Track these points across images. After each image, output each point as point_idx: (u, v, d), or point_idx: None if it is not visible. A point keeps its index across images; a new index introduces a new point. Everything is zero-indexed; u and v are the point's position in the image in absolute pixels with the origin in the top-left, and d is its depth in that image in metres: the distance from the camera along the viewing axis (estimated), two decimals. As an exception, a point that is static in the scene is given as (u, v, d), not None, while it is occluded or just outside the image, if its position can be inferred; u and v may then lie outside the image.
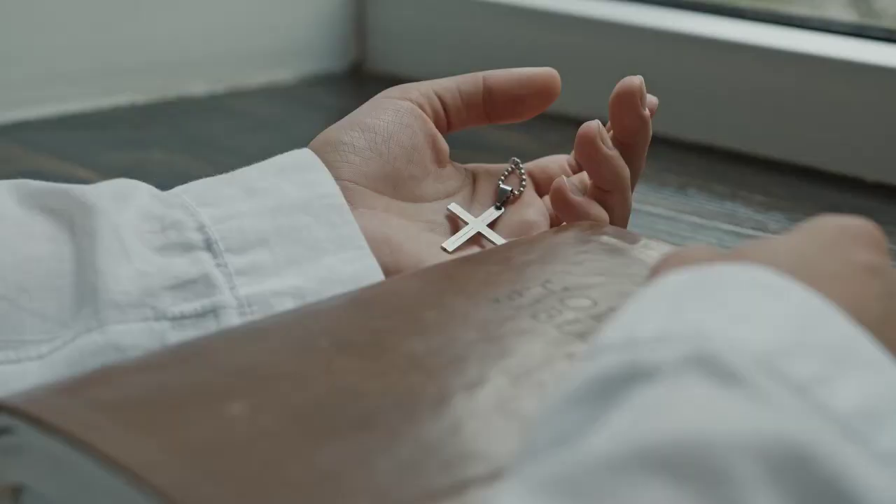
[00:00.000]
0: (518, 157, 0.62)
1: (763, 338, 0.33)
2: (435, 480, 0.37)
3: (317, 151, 0.58)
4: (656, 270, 0.40)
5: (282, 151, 0.57)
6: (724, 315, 0.34)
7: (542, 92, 0.62)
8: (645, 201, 0.80)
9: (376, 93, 0.60)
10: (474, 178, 0.62)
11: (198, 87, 1.09)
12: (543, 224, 0.60)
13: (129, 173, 0.56)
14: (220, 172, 0.56)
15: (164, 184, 0.55)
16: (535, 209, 0.61)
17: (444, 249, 0.57)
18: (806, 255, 0.37)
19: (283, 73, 1.14)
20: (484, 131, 0.90)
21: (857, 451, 0.31)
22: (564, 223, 0.59)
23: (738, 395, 0.31)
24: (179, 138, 0.98)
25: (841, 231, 0.39)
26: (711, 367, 0.32)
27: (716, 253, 0.39)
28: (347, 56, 1.17)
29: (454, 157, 0.62)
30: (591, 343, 0.36)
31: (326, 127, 0.59)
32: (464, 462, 0.38)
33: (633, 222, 0.69)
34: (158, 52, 1.07)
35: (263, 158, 0.57)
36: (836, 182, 0.86)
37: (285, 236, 0.53)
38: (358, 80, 1.15)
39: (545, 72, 0.62)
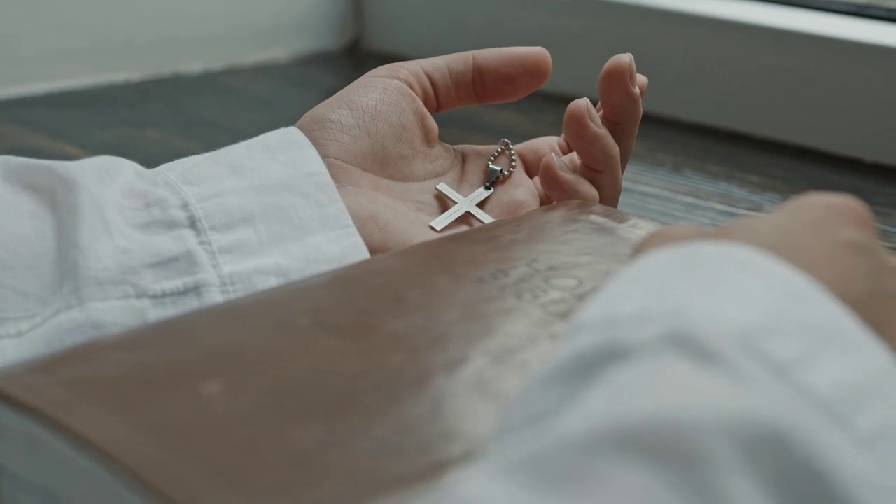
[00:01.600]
0: (513, 137, 0.61)
1: (744, 317, 0.32)
2: (412, 462, 0.36)
3: (304, 129, 0.57)
4: (639, 249, 0.39)
5: (265, 133, 0.57)
6: (704, 294, 0.33)
7: (532, 71, 0.61)
8: (639, 181, 0.80)
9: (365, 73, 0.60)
10: (464, 158, 0.61)
11: (193, 65, 1.08)
12: (533, 204, 0.60)
13: (123, 151, 0.56)
14: (215, 149, 0.55)
15: (158, 163, 0.55)
16: (524, 189, 0.60)
17: (433, 228, 0.57)
18: (791, 233, 0.37)
19: (279, 52, 1.13)
20: (479, 111, 0.89)
21: (836, 433, 0.30)
22: (554, 202, 0.58)
23: (716, 374, 0.30)
24: (174, 117, 0.97)
25: (827, 209, 0.38)
26: (689, 347, 0.31)
27: (700, 231, 0.39)
28: (344, 34, 1.17)
29: (448, 137, 0.61)
30: (571, 322, 0.35)
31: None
32: (442, 443, 0.37)
33: (627, 202, 0.69)
34: (154, 30, 1.06)
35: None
36: (833, 162, 0.85)
37: (270, 215, 0.53)
38: (355, 59, 1.14)
39: (536, 51, 0.61)
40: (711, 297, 0.33)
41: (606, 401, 0.30)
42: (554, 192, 0.58)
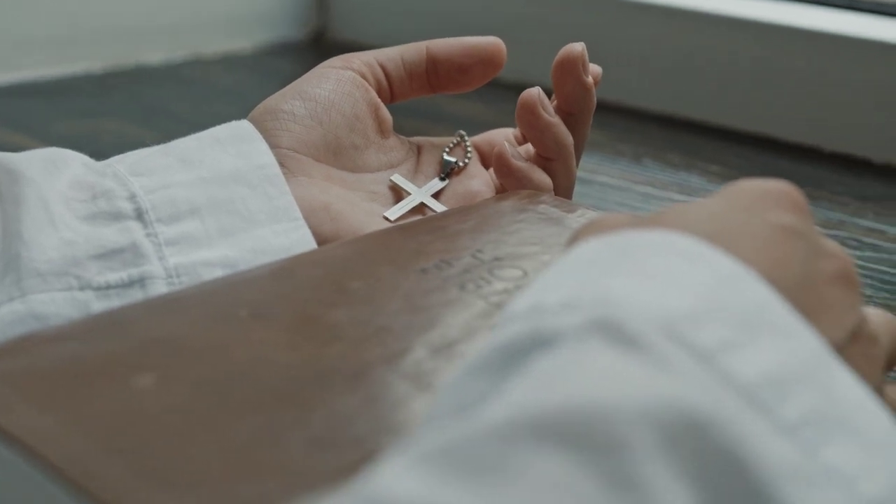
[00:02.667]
0: (474, 127, 0.61)
1: (671, 304, 0.32)
2: (345, 455, 0.36)
3: (256, 120, 0.57)
4: (574, 238, 0.39)
5: (240, 119, 0.56)
6: (632, 281, 0.33)
7: (486, 61, 0.61)
8: (598, 171, 0.79)
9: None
10: (419, 150, 0.61)
11: (155, 55, 1.07)
12: (488, 195, 0.60)
13: (82, 143, 0.55)
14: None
15: (117, 154, 0.54)
16: (479, 180, 0.60)
17: (387, 219, 0.56)
18: (725, 218, 0.37)
19: (243, 42, 1.12)
20: (440, 102, 0.89)
21: (758, 421, 0.30)
22: (506, 192, 0.58)
23: (638, 361, 0.30)
24: (135, 108, 0.96)
25: (761, 194, 0.38)
26: (613, 333, 0.31)
27: (634, 219, 0.38)
28: (308, 25, 1.16)
29: (408, 127, 0.61)
30: (502, 313, 0.35)
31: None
32: (376, 435, 0.37)
33: (586, 192, 0.68)
34: (115, 19, 1.05)
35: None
36: (792, 151, 0.85)
37: (218, 207, 0.52)
38: (319, 50, 1.14)
39: (490, 40, 0.61)
40: (639, 285, 0.33)
41: (526, 388, 0.30)
42: (507, 181, 0.58)
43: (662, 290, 0.32)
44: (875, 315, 0.41)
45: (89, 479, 0.34)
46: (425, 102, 0.61)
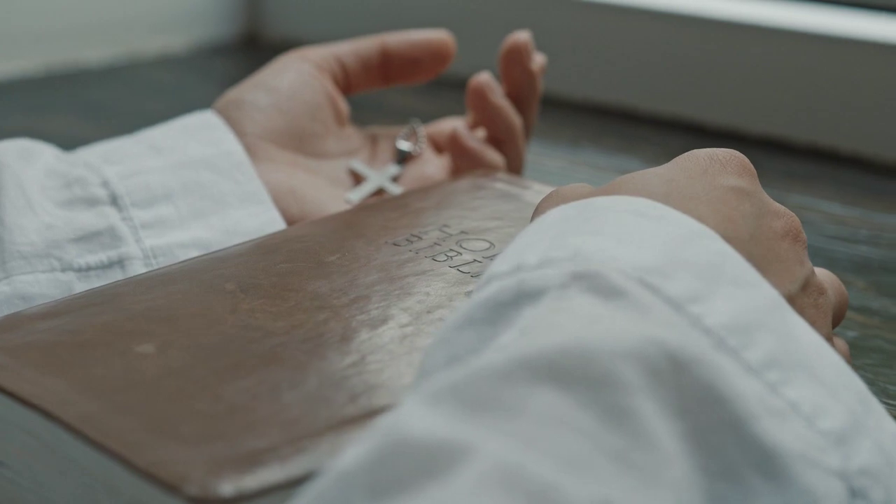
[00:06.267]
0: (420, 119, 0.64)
1: (639, 257, 0.35)
2: (342, 409, 0.38)
3: (221, 110, 0.59)
4: (538, 209, 0.41)
5: (181, 116, 0.58)
6: (601, 239, 0.35)
7: (436, 54, 0.64)
8: (539, 154, 0.82)
9: (272, 59, 0.62)
10: (374, 140, 0.64)
11: (92, 54, 1.08)
12: (442, 179, 0.62)
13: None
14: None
15: (65, 150, 0.56)
16: (433, 165, 0.63)
17: (348, 201, 0.59)
18: (677, 182, 0.39)
19: (178, 41, 1.14)
20: (388, 96, 0.91)
21: (730, 362, 0.33)
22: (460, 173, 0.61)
23: (619, 306, 0.33)
24: (76, 105, 0.97)
25: (710, 159, 0.41)
26: (593, 283, 0.33)
27: (592, 189, 0.41)
28: (241, 23, 1.18)
29: (360, 120, 0.63)
30: (481, 277, 0.37)
31: (223, 93, 0.60)
32: (370, 393, 0.39)
33: (527, 177, 0.71)
34: (52, 19, 1.06)
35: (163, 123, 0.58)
36: (722, 136, 0.88)
37: (190, 191, 0.54)
38: (253, 48, 1.15)
39: (439, 35, 0.64)
40: (608, 241, 0.35)
41: (520, 334, 0.32)
42: (461, 160, 0.61)
43: (630, 246, 0.35)
44: (820, 272, 0.44)
45: (109, 437, 0.36)
46: (374, 96, 0.63)
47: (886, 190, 0.78)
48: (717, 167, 0.41)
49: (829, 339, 0.41)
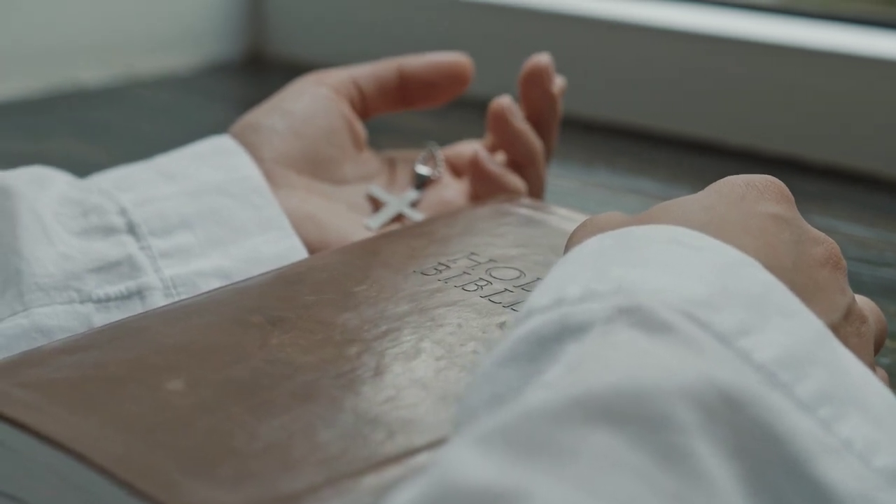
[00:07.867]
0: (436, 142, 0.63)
1: (685, 289, 0.34)
2: (381, 448, 0.37)
3: (237, 135, 0.58)
4: (572, 239, 0.40)
5: (182, 138, 0.57)
6: (644, 270, 0.34)
7: (454, 77, 0.63)
8: (553, 174, 0.81)
9: (275, 79, 0.61)
10: (392, 164, 0.63)
11: (92, 74, 1.07)
12: (461, 203, 0.61)
13: (28, 163, 0.55)
14: (122, 159, 0.55)
15: (66, 172, 0.55)
16: (452, 190, 0.62)
17: (368, 228, 0.58)
18: (716, 210, 0.38)
19: (179, 60, 1.13)
20: (400, 117, 0.90)
21: (783, 399, 0.32)
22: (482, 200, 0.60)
23: (668, 343, 0.32)
24: (77, 126, 0.96)
25: (747, 185, 0.40)
26: (639, 318, 0.32)
27: (627, 217, 0.40)
28: (245, 43, 1.17)
29: (374, 142, 0.62)
30: (520, 310, 0.36)
31: (226, 114, 0.59)
32: (407, 430, 0.38)
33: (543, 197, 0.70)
34: (52, 39, 1.05)
35: (164, 145, 0.57)
36: (737, 156, 0.88)
37: (207, 218, 0.53)
38: (256, 67, 1.14)
39: (457, 57, 0.63)
40: (652, 273, 0.34)
41: (567, 371, 0.31)
42: (483, 185, 0.60)
43: (674, 278, 0.34)
44: (860, 299, 0.43)
45: (142, 478, 0.35)
46: (388, 119, 0.62)
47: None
48: (755, 194, 0.40)
49: (872, 368, 0.41)
